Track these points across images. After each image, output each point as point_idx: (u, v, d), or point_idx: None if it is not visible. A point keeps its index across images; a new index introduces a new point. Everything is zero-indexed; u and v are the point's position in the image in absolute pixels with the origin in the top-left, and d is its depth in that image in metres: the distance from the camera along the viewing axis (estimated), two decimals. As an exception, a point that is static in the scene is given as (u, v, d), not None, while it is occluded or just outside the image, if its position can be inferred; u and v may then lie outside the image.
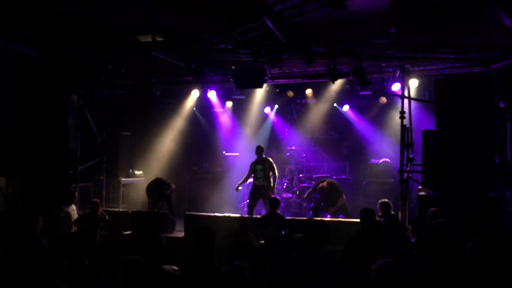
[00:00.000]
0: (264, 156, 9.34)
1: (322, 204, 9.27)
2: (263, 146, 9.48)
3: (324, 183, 9.13)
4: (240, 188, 9.63)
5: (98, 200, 8.39)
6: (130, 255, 3.81)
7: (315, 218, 8.14)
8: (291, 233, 6.59)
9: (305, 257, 4.17)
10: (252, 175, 9.37)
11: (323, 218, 8.69)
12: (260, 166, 9.19)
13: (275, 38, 7.49)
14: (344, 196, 9.13)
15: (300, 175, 11.23)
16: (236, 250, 4.32)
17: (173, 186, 9.88)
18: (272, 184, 9.16)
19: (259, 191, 9.15)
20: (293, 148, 12.12)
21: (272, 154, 12.16)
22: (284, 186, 10.83)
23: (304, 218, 8.30)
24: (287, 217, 7.73)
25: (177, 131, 12.73)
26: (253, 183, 9.32)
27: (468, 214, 5.91)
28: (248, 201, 9.49)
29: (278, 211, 7.40)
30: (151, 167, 11.89)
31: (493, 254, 3.47)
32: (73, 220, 8.15)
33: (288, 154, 12.14)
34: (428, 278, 3.96)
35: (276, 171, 9.27)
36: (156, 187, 9.63)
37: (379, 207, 6.99)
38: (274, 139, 12.75)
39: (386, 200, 7.02)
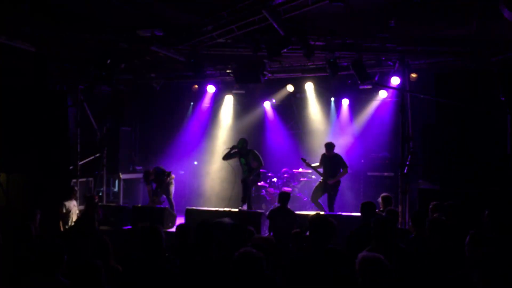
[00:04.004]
0: (248, 148, 9.12)
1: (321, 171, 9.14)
2: (245, 139, 9.25)
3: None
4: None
5: (93, 194, 8.41)
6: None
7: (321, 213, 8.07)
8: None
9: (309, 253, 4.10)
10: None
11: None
12: (243, 160, 9.10)
13: (275, 32, 7.46)
14: (347, 169, 8.98)
15: (300, 169, 11.22)
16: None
17: (173, 176, 9.86)
18: (257, 174, 9.11)
19: (247, 183, 9.08)
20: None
21: (272, 148, 12.17)
22: (284, 180, 10.82)
23: (311, 213, 8.21)
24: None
25: (177, 125, 12.71)
26: (242, 178, 9.22)
27: (469, 208, 5.91)
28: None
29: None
30: (151, 162, 11.88)
31: (491, 247, 3.46)
32: (74, 215, 8.17)
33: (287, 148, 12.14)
34: (420, 272, 3.94)
35: (262, 161, 9.07)
36: (155, 175, 9.64)
37: (380, 201, 7.01)
38: (273, 134, 12.72)
39: (387, 194, 7.04)
